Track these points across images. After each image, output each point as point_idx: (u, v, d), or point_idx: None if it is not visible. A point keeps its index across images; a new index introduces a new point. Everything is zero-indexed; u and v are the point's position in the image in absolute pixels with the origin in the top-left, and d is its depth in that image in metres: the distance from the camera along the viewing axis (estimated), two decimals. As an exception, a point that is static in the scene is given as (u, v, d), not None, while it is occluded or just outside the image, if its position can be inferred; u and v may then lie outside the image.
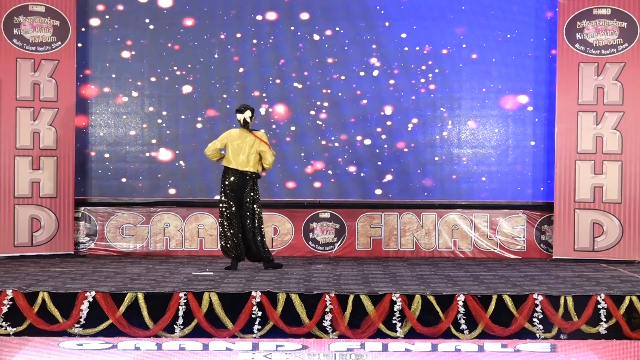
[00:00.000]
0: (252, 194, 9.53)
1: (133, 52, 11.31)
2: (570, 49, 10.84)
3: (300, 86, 11.34)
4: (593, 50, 10.81)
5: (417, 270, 9.75)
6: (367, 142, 11.34)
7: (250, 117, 9.54)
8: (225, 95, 11.33)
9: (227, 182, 9.52)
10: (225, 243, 9.55)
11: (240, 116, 9.56)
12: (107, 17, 11.28)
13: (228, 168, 9.53)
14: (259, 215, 9.57)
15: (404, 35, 11.29)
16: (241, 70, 11.33)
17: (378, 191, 11.34)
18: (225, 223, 9.54)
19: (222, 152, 9.66)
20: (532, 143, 11.34)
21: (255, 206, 9.55)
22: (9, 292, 7.74)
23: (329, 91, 11.34)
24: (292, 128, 11.34)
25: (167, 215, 11.32)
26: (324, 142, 11.35)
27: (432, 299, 7.79)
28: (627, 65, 10.73)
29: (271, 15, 11.33)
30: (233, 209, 9.52)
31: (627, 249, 10.72)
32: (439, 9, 11.31)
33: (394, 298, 7.74)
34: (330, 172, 11.36)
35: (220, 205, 9.58)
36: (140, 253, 11.26)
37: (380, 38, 11.34)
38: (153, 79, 11.33)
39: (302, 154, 11.33)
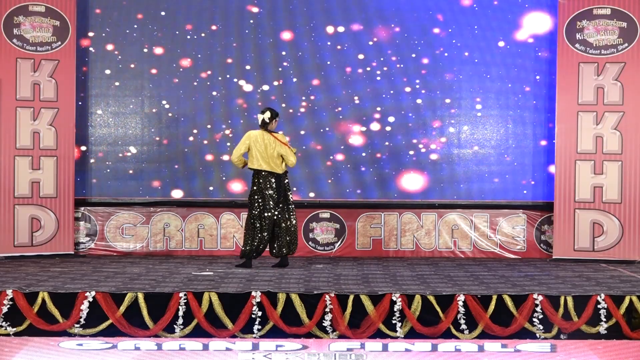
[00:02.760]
0: (288, 193, 9.70)
1: (134, 52, 11.31)
2: (570, 49, 10.83)
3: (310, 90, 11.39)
4: (593, 50, 10.80)
5: (417, 270, 9.74)
6: (368, 142, 11.34)
7: (270, 118, 9.61)
8: (225, 95, 11.33)
9: (262, 185, 9.55)
10: (251, 245, 9.58)
11: (259, 116, 9.66)
12: (107, 15, 11.29)
13: (260, 170, 9.56)
14: (294, 213, 9.78)
15: (402, 37, 11.33)
16: (248, 67, 11.33)
17: (377, 191, 11.34)
18: (257, 224, 9.56)
19: (245, 157, 9.73)
20: (532, 143, 11.34)
21: (292, 206, 9.74)
22: (9, 292, 7.74)
23: (329, 92, 11.37)
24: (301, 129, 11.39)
25: (167, 215, 11.31)
26: (324, 143, 11.36)
27: (432, 299, 7.78)
28: (627, 65, 10.72)
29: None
30: (268, 209, 9.55)
31: (627, 249, 10.72)
32: (437, 10, 11.31)
33: (394, 298, 7.74)
34: (330, 172, 11.36)
35: (255, 206, 9.58)
36: (140, 253, 11.25)
37: (379, 40, 11.35)
38: (153, 79, 11.33)
39: (302, 154, 11.33)
